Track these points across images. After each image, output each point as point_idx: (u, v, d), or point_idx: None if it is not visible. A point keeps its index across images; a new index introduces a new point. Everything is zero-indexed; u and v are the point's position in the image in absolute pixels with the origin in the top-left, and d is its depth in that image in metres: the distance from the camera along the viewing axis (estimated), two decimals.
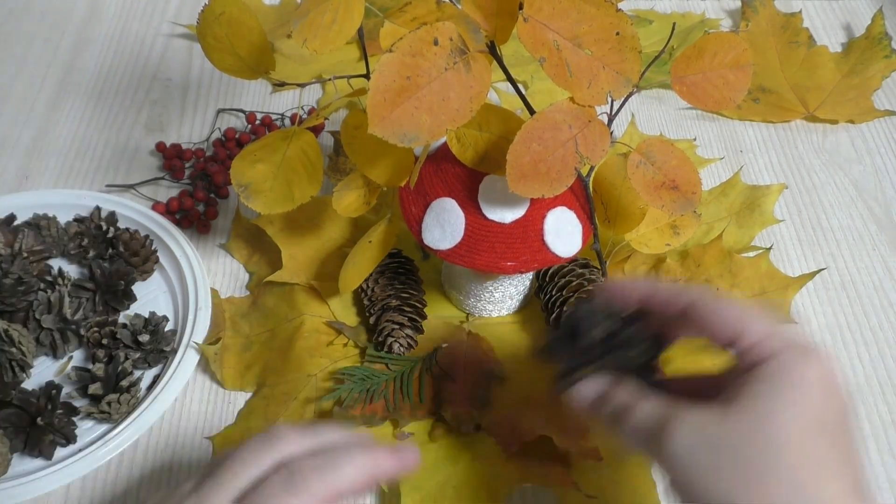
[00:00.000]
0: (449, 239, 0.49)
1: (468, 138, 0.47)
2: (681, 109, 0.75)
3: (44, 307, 0.55)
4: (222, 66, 0.49)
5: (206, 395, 0.54)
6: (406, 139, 0.40)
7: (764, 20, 0.82)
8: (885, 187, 0.69)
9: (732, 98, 0.49)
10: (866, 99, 0.75)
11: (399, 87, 0.39)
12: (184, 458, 0.51)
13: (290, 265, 0.59)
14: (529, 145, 0.43)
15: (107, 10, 0.84)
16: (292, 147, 0.50)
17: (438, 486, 0.49)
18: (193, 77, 0.77)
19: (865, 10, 0.86)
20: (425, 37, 0.39)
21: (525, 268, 0.49)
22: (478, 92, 0.41)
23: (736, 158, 0.71)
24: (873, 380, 0.56)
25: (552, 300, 0.54)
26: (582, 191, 0.51)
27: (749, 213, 0.65)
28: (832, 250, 0.64)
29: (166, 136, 0.71)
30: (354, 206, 0.52)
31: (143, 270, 0.60)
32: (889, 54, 0.78)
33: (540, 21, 0.42)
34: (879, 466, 0.51)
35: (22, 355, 0.52)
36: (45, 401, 0.51)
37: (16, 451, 0.50)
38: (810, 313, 0.60)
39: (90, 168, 0.68)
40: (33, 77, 0.77)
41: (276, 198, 0.50)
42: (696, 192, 0.49)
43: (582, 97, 0.44)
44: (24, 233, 0.59)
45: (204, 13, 0.46)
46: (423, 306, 0.56)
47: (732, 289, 0.58)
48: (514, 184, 0.43)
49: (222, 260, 0.62)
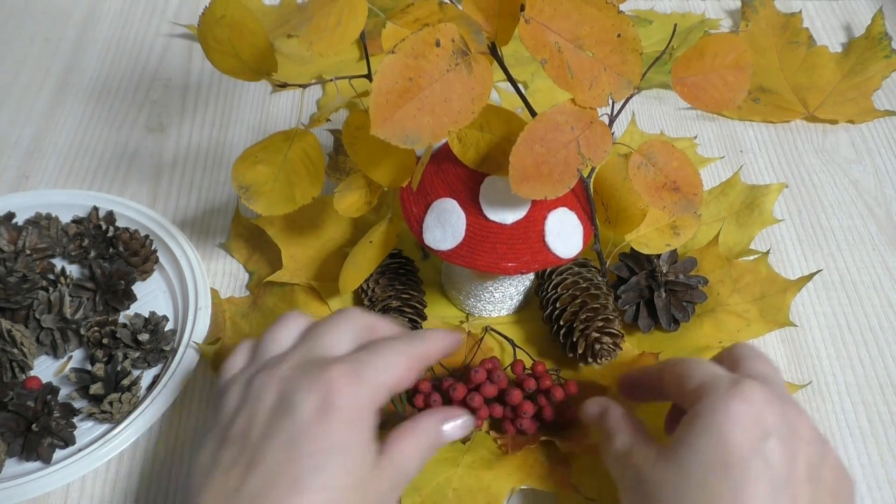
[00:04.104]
0: (450, 239, 0.49)
1: (470, 139, 0.47)
2: (681, 109, 0.75)
3: (44, 307, 0.55)
4: (223, 68, 0.49)
5: (206, 395, 0.54)
6: (408, 141, 0.40)
7: (764, 20, 0.82)
8: (885, 187, 0.69)
9: (733, 99, 0.49)
10: (866, 99, 0.75)
11: (401, 88, 0.39)
12: (184, 459, 0.51)
13: (290, 265, 0.59)
14: (532, 147, 0.43)
15: (107, 11, 0.84)
16: (294, 148, 0.50)
17: (438, 488, 0.49)
18: (193, 77, 0.77)
19: (865, 10, 0.86)
20: (427, 38, 0.39)
21: (526, 269, 0.49)
22: (479, 93, 0.41)
23: (736, 158, 0.71)
24: (873, 380, 0.56)
25: (549, 297, 0.55)
26: (583, 191, 0.51)
27: (749, 212, 0.65)
28: (832, 250, 0.64)
29: (166, 135, 0.71)
30: (355, 207, 0.52)
31: (143, 270, 0.60)
32: (889, 54, 0.78)
33: (541, 22, 0.42)
34: (879, 467, 0.51)
35: (23, 356, 0.52)
36: (41, 404, 0.51)
37: (13, 455, 0.50)
38: (810, 313, 0.60)
39: (90, 168, 0.68)
40: (33, 77, 0.76)
41: (277, 199, 0.50)
42: (698, 194, 0.49)
43: (583, 99, 0.44)
44: (28, 230, 0.59)
45: (205, 16, 0.46)
46: (423, 307, 0.56)
47: (733, 294, 0.58)
48: (517, 185, 0.43)
49: (222, 260, 0.62)
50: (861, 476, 0.51)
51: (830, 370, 0.56)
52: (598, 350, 0.52)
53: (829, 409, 0.54)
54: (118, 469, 0.51)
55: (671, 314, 0.56)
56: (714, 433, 0.38)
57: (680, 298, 0.56)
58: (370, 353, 0.42)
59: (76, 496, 0.49)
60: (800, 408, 0.41)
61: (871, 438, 0.53)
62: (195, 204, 0.66)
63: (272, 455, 0.38)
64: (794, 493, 0.37)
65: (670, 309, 0.56)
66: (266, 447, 0.38)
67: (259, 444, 0.39)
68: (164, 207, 0.66)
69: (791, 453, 0.38)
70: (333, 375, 0.39)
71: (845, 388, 0.55)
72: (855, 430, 0.53)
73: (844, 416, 0.54)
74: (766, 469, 0.37)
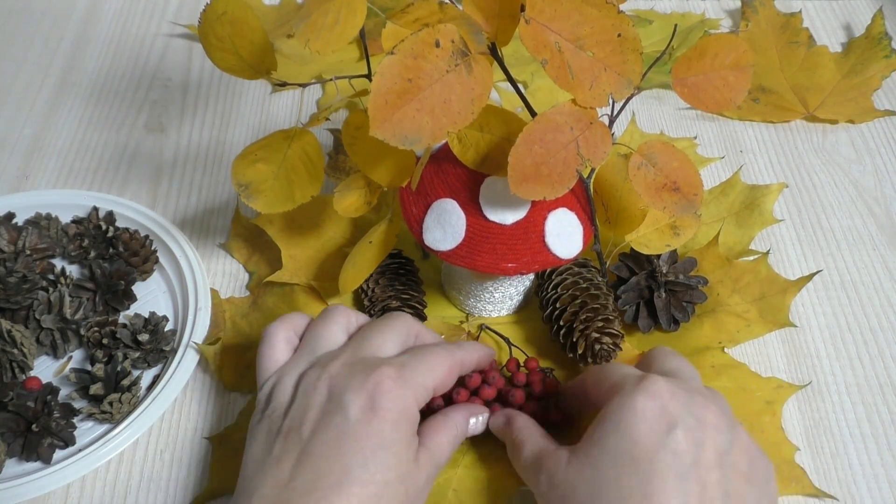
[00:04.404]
0: (450, 240, 0.49)
1: (469, 139, 0.47)
2: (681, 109, 0.75)
3: (44, 307, 0.55)
4: (223, 66, 0.49)
5: (206, 395, 0.54)
6: (408, 142, 0.40)
7: (764, 20, 0.82)
8: (885, 187, 0.69)
9: (733, 99, 0.49)
10: (866, 99, 0.75)
11: (401, 89, 0.39)
12: (184, 459, 0.51)
13: (290, 265, 0.59)
14: (531, 147, 0.43)
15: (107, 10, 0.84)
16: (293, 147, 0.50)
17: (438, 489, 0.49)
18: (193, 77, 0.77)
19: (865, 10, 0.86)
20: (427, 39, 0.39)
21: (526, 269, 0.49)
22: (479, 94, 0.41)
23: (736, 158, 0.71)
24: (873, 380, 0.56)
25: (549, 298, 0.55)
26: (583, 192, 0.51)
27: (749, 212, 0.65)
28: (832, 250, 0.64)
29: (166, 136, 0.71)
30: (355, 207, 0.52)
31: (143, 270, 0.60)
32: (889, 54, 0.78)
33: (541, 23, 0.42)
34: (879, 467, 0.51)
35: (23, 357, 0.52)
36: (41, 405, 0.51)
37: (13, 455, 0.50)
38: (810, 313, 0.60)
39: (90, 168, 0.68)
40: (33, 77, 0.76)
41: (276, 197, 0.50)
42: (698, 194, 0.49)
43: (584, 99, 0.44)
44: (28, 230, 0.59)
45: (206, 13, 0.46)
46: (423, 307, 0.56)
47: (732, 294, 0.58)
48: (516, 186, 0.43)
49: (222, 260, 0.62)
50: (861, 476, 0.51)
51: (830, 370, 0.56)
52: (597, 350, 0.52)
53: (829, 409, 0.54)
54: (118, 469, 0.51)
55: (671, 314, 0.56)
56: (622, 430, 0.39)
57: (680, 299, 0.56)
58: (415, 358, 0.45)
59: (76, 496, 0.49)
60: (710, 397, 0.42)
61: (871, 438, 0.53)
62: (195, 204, 0.66)
63: (323, 450, 0.41)
64: (702, 479, 0.39)
65: (670, 309, 0.56)
66: (317, 442, 0.41)
67: (310, 439, 0.41)
68: (163, 207, 0.66)
69: (698, 441, 0.39)
70: (382, 377, 0.42)
71: (845, 388, 0.55)
72: (855, 430, 0.53)
73: (844, 416, 0.54)
74: (673, 459, 0.39)
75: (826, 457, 0.52)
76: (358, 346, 0.46)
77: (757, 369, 0.55)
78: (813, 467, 0.51)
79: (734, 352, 0.56)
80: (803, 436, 0.53)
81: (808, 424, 0.53)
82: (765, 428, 0.52)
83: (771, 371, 0.56)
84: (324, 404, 0.42)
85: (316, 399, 0.43)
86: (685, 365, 0.47)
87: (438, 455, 0.44)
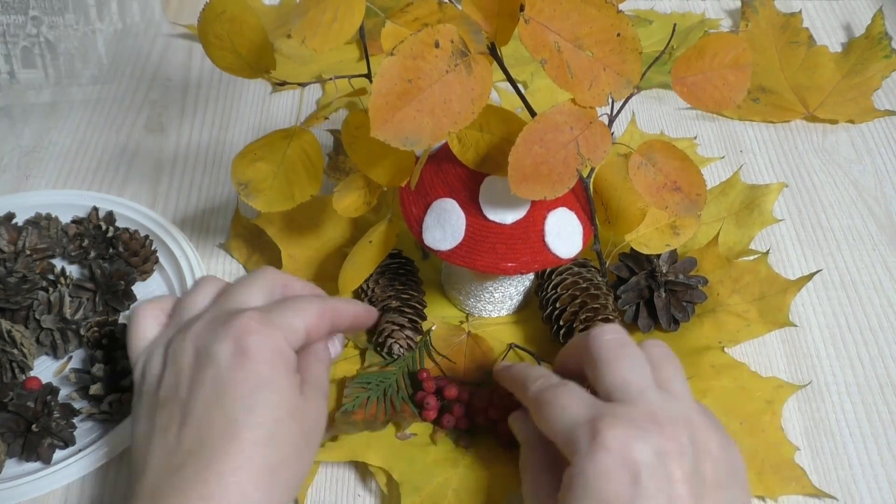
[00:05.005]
0: (450, 240, 0.49)
1: (469, 139, 0.47)
2: (681, 109, 0.75)
3: (44, 307, 0.55)
4: (222, 65, 0.49)
5: None
6: (408, 142, 0.40)
7: (764, 20, 0.82)
8: (885, 187, 0.69)
9: (732, 98, 0.49)
10: (866, 99, 0.75)
11: (400, 90, 0.39)
12: None
13: (290, 265, 0.59)
14: (531, 147, 0.43)
15: (107, 10, 0.84)
16: (293, 146, 0.50)
17: (438, 488, 0.49)
18: (193, 77, 0.77)
19: (865, 10, 0.86)
20: (426, 39, 0.39)
21: (526, 269, 0.49)
22: (479, 94, 0.41)
23: (736, 158, 0.71)
24: (873, 380, 0.56)
25: (548, 297, 0.55)
26: (583, 191, 0.51)
27: (749, 212, 0.65)
28: (832, 250, 0.64)
29: (166, 136, 0.71)
30: (355, 207, 0.52)
31: (143, 270, 0.60)
32: (889, 54, 0.78)
33: (541, 22, 0.42)
34: (879, 467, 0.51)
35: (23, 357, 0.52)
36: (41, 405, 0.51)
37: (13, 455, 0.50)
38: (810, 313, 0.60)
39: (90, 168, 0.68)
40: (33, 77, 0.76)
41: (275, 196, 0.50)
42: (701, 194, 0.48)
43: (583, 98, 0.44)
44: (28, 230, 0.59)
45: (205, 11, 0.46)
46: (423, 307, 0.56)
47: (732, 294, 0.58)
48: (516, 186, 0.43)
49: (222, 260, 0.62)
50: (861, 476, 0.51)
51: (830, 370, 0.56)
52: None
53: (829, 409, 0.54)
54: (118, 469, 0.51)
55: (671, 314, 0.56)
56: (591, 494, 0.38)
57: (680, 298, 0.56)
58: (282, 304, 0.45)
59: (76, 496, 0.49)
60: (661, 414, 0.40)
61: (871, 438, 0.53)
62: (195, 204, 0.66)
63: (203, 406, 0.40)
64: None
65: (670, 309, 0.56)
66: (196, 400, 0.41)
67: (189, 400, 0.41)
68: (163, 207, 0.66)
69: (666, 479, 0.38)
70: (245, 321, 0.42)
71: (845, 388, 0.55)
72: (855, 430, 0.53)
73: (844, 416, 0.54)
74: None
75: (826, 457, 0.52)
76: (221, 304, 0.45)
77: (757, 369, 0.55)
78: (813, 467, 0.51)
79: (734, 352, 0.56)
80: (803, 436, 0.53)
81: (808, 424, 0.53)
82: (765, 428, 0.52)
83: (771, 371, 0.56)
84: (193, 363, 0.42)
85: (185, 360, 0.42)
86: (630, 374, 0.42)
87: (321, 385, 0.45)
